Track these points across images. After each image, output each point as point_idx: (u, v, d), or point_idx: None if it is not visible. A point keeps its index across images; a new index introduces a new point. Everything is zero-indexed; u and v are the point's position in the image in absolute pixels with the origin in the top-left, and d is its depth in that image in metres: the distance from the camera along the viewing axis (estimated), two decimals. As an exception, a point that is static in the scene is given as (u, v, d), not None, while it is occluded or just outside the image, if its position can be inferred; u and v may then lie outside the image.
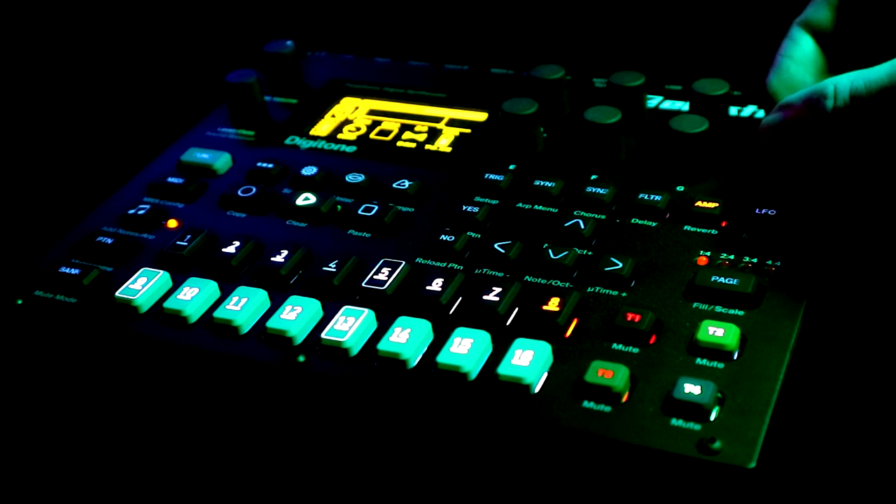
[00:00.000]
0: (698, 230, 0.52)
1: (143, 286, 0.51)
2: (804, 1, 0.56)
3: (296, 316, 0.48)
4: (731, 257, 0.50)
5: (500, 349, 0.46)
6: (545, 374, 0.45)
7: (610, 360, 0.44)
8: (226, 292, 0.51)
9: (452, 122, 0.64)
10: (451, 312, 0.49)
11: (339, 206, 0.57)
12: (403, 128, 0.64)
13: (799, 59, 0.52)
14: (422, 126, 0.64)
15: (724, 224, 0.52)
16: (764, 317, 0.46)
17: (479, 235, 0.53)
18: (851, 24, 0.52)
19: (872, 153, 0.49)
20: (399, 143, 0.62)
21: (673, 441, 0.41)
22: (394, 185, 0.57)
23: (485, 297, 0.48)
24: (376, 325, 0.48)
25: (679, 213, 0.53)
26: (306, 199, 0.57)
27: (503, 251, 0.51)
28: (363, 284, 0.50)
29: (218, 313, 0.49)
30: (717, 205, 0.52)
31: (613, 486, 0.43)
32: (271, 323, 0.48)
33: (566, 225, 0.53)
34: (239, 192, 0.58)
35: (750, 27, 0.55)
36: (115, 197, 0.60)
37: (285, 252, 0.52)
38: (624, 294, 0.49)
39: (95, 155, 0.75)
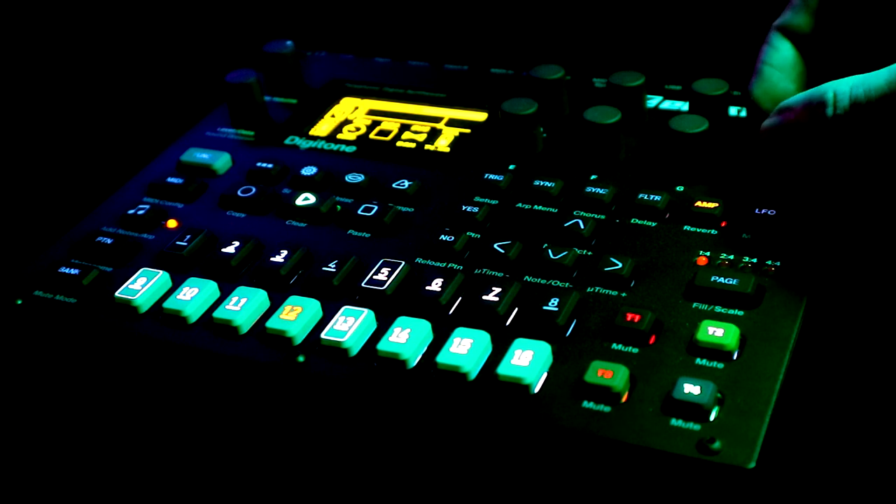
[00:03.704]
0: (698, 230, 0.52)
1: (142, 286, 0.51)
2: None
3: (296, 316, 0.48)
4: (731, 257, 0.50)
5: (499, 349, 0.46)
6: (545, 375, 0.45)
7: (610, 360, 0.44)
8: (225, 292, 0.51)
9: (452, 122, 0.64)
10: (450, 312, 0.49)
11: (338, 206, 0.57)
12: (403, 128, 0.64)
13: (779, 65, 0.53)
14: (421, 126, 0.64)
15: (724, 224, 0.52)
16: (764, 317, 0.46)
17: (479, 235, 0.53)
18: (831, 27, 0.52)
19: (872, 158, 0.49)
20: (399, 143, 0.62)
21: (673, 441, 0.41)
22: (393, 185, 0.57)
23: (484, 297, 0.48)
24: (376, 325, 0.48)
25: (679, 213, 0.53)
26: (306, 199, 0.57)
27: (503, 251, 0.51)
28: (363, 284, 0.50)
29: (218, 313, 0.49)
30: (717, 205, 0.52)
31: (613, 486, 0.43)
32: (271, 323, 0.48)
33: (566, 225, 0.53)
34: (239, 192, 0.58)
35: (750, 27, 0.55)
36: (115, 197, 0.60)
37: (285, 252, 0.52)
38: (624, 294, 0.49)
39: (95, 155, 0.75)
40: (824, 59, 0.54)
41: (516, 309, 0.48)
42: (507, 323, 0.48)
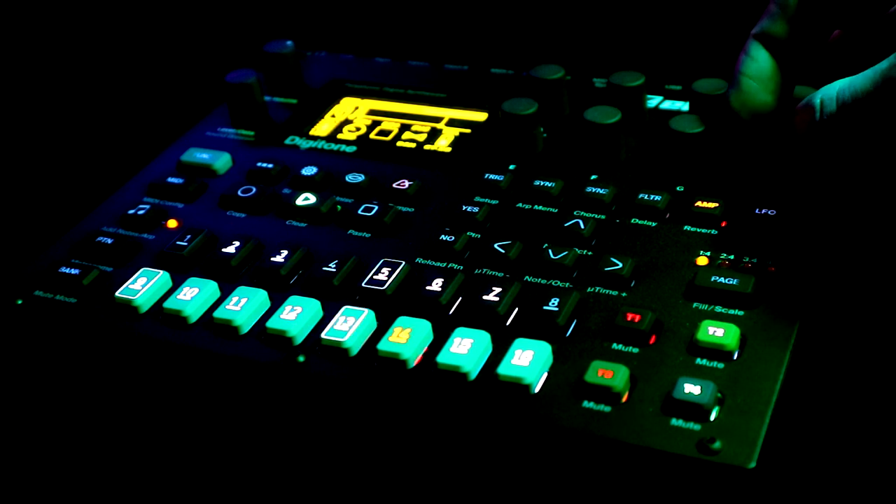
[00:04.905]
0: (698, 230, 0.52)
1: (143, 286, 0.51)
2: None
3: (296, 316, 0.48)
4: (731, 257, 0.50)
5: (500, 349, 0.46)
6: (545, 374, 0.45)
7: (610, 360, 0.44)
8: (226, 292, 0.51)
9: (452, 122, 0.64)
10: (451, 312, 0.49)
11: (339, 206, 0.57)
12: (403, 128, 0.64)
13: (756, 75, 0.53)
14: (422, 126, 0.64)
15: (724, 224, 0.52)
16: (764, 317, 0.46)
17: (479, 235, 0.53)
18: (809, 33, 0.53)
19: (866, 157, 0.50)
20: (399, 143, 0.62)
21: (673, 441, 0.41)
22: (394, 185, 0.57)
23: (485, 297, 0.48)
24: (376, 325, 0.48)
25: (679, 213, 0.53)
26: (306, 199, 0.57)
27: (503, 251, 0.51)
28: (363, 284, 0.50)
29: (218, 313, 0.49)
30: (717, 205, 0.52)
31: (613, 486, 0.43)
32: (271, 323, 0.48)
33: (566, 225, 0.53)
34: (239, 192, 0.58)
35: (749, 27, 0.55)
36: (115, 197, 0.60)
37: (285, 252, 0.52)
38: (624, 294, 0.49)
39: (95, 155, 0.75)
40: (802, 64, 0.54)
41: (516, 309, 0.48)
42: (508, 323, 0.48)
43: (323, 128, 0.64)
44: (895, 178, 0.51)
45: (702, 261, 0.50)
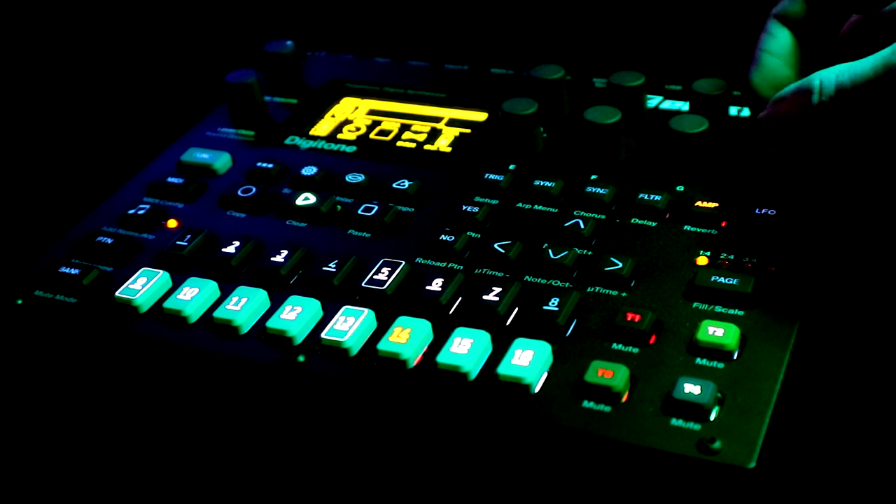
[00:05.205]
0: (698, 230, 0.52)
1: (143, 286, 0.51)
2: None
3: (296, 316, 0.48)
4: (731, 257, 0.50)
5: (499, 349, 0.46)
6: (545, 374, 0.45)
7: (610, 360, 0.44)
8: (226, 292, 0.51)
9: (452, 122, 0.64)
10: (450, 312, 0.49)
11: (339, 206, 0.57)
12: (403, 128, 0.64)
13: (777, 52, 0.53)
14: (422, 126, 0.64)
15: (724, 224, 0.52)
16: (764, 317, 0.46)
17: (479, 235, 0.53)
18: (825, 12, 0.53)
19: (861, 145, 0.50)
20: (399, 143, 0.62)
21: (673, 441, 0.41)
22: (394, 185, 0.57)
23: (485, 297, 0.48)
24: (376, 325, 0.48)
25: (679, 213, 0.53)
26: (306, 199, 0.57)
27: (503, 251, 0.51)
28: (363, 284, 0.50)
29: (218, 313, 0.49)
30: (717, 205, 0.52)
31: (613, 486, 0.43)
32: (271, 323, 0.48)
33: (566, 225, 0.53)
34: (239, 192, 0.58)
35: (750, 27, 0.55)
36: (115, 197, 0.60)
37: (285, 252, 0.52)
38: (624, 294, 0.49)
39: (95, 155, 0.75)
40: (820, 44, 0.54)
41: (516, 309, 0.48)
42: (508, 323, 0.48)
43: (323, 128, 0.64)
44: (888, 166, 0.51)
45: (702, 261, 0.50)
